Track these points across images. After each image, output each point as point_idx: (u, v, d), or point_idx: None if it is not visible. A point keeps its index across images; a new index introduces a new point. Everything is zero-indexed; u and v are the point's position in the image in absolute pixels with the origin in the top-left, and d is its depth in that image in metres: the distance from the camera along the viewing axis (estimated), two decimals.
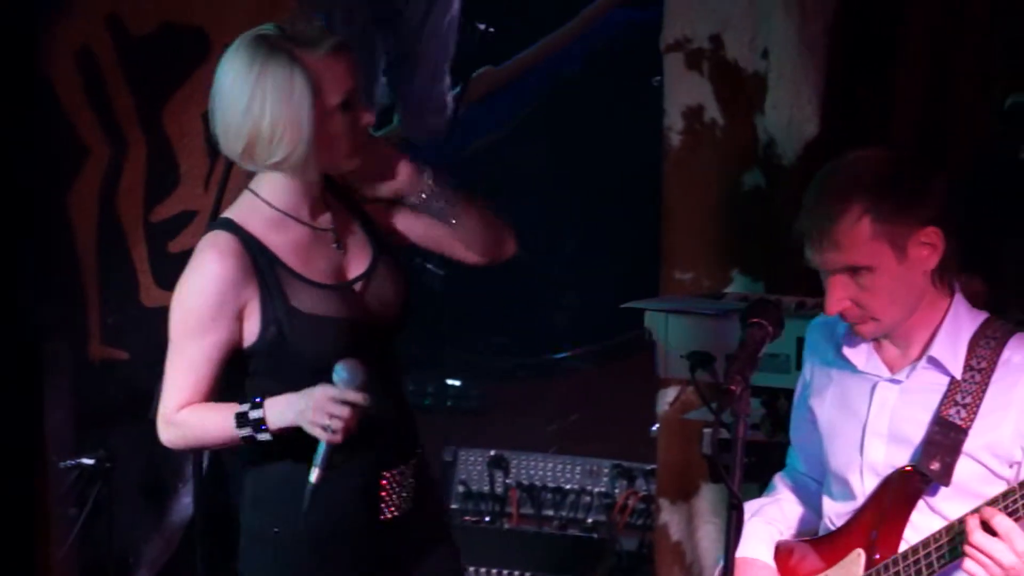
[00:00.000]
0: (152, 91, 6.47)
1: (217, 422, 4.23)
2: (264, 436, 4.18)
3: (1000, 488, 3.71)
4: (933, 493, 3.82)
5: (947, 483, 3.79)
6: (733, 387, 3.73)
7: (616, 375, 8.24)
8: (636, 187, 6.22)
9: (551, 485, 6.14)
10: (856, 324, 3.81)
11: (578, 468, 6.25)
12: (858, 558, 3.86)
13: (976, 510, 3.59)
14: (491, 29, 9.30)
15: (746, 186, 5.66)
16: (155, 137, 6.49)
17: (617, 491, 6.24)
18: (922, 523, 3.82)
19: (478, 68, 8.83)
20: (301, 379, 4.18)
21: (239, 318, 4.21)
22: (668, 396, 5.52)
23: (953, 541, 3.66)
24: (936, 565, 3.71)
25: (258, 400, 4.17)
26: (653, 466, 5.89)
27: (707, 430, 5.12)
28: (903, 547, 3.81)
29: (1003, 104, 4.56)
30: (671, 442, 5.60)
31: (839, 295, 3.75)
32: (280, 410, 4.17)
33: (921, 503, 3.84)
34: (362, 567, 4.43)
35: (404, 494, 4.38)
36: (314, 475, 4.07)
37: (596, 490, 6.22)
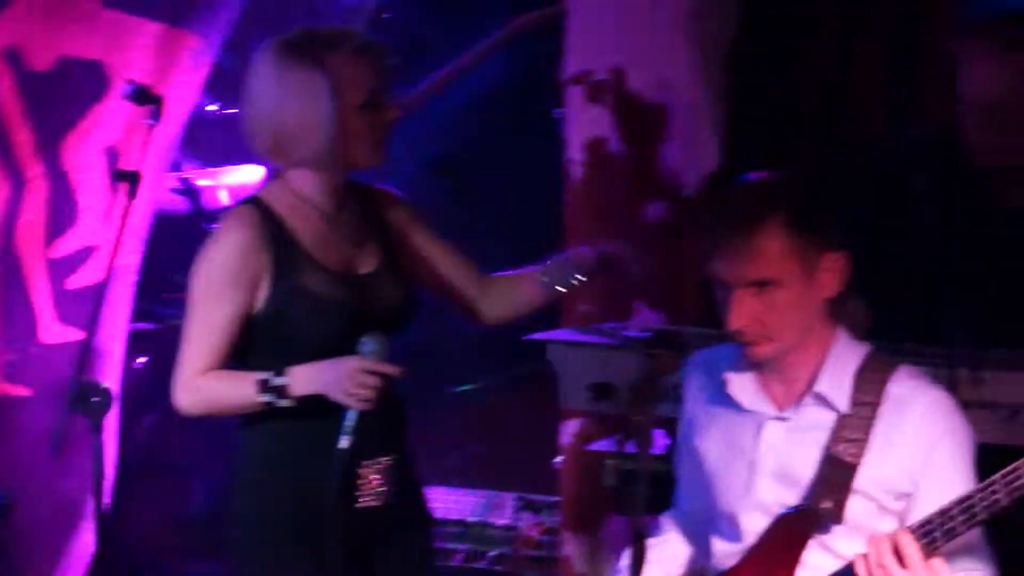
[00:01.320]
0: (51, 125, 6.46)
1: (237, 387, 4.41)
2: (284, 402, 4.35)
3: (889, 523, 3.76)
4: (825, 531, 3.83)
5: (839, 521, 3.80)
6: (638, 418, 3.74)
7: (518, 407, 8.25)
8: (539, 218, 6.23)
9: (454, 518, 6.14)
10: (752, 344, 3.81)
11: (481, 501, 6.25)
12: None
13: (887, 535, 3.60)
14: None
15: (648, 217, 5.67)
16: (54, 172, 6.47)
17: (521, 524, 6.24)
18: (815, 562, 3.84)
19: None
20: (296, 358, 4.36)
21: (255, 287, 4.38)
22: (571, 427, 5.53)
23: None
24: None
25: (281, 369, 4.33)
26: (557, 498, 5.91)
27: (610, 461, 5.12)
28: None
29: (897, 137, 4.61)
30: (574, 474, 5.63)
31: (745, 309, 3.77)
32: (308, 378, 4.36)
33: (813, 542, 3.85)
34: (339, 550, 4.46)
35: (382, 483, 4.51)
36: (345, 441, 4.25)
37: (499, 523, 6.22)
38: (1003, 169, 4.91)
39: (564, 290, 4.75)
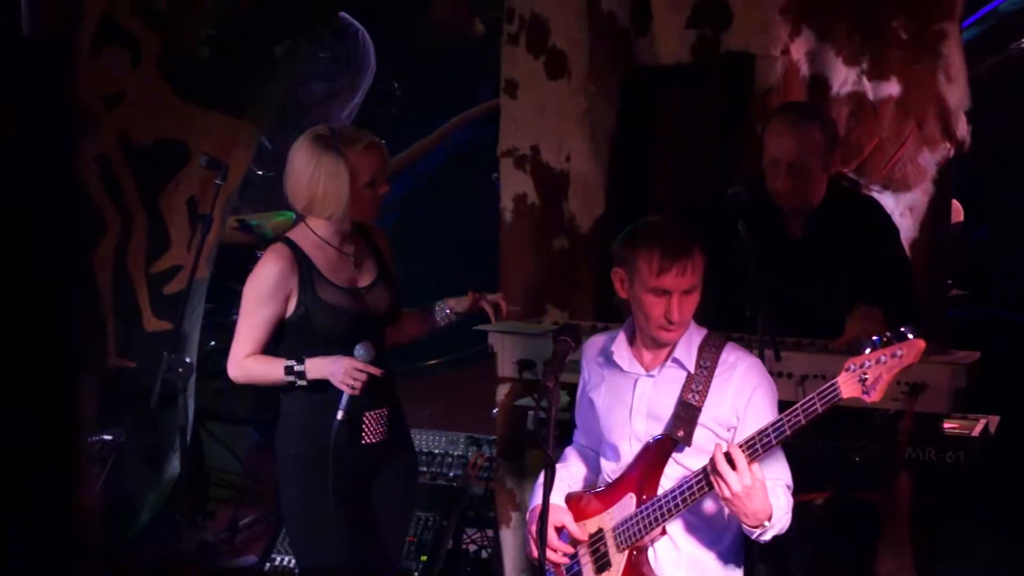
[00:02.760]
0: (150, 184, 6.43)
1: (271, 369, 4.52)
2: (302, 382, 4.48)
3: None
4: (680, 451, 3.88)
5: (689, 444, 3.85)
6: (548, 383, 3.79)
7: (469, 376, 8.21)
8: (482, 248, 6.22)
9: (425, 450, 6.11)
10: (672, 331, 3.84)
11: (443, 439, 6.22)
12: (630, 499, 3.90)
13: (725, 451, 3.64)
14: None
15: (555, 248, 5.66)
16: (153, 215, 6.44)
17: (470, 454, 6.22)
18: (672, 472, 3.88)
19: None
20: (317, 347, 4.50)
21: (287, 300, 4.48)
22: (504, 389, 5.51)
23: (706, 476, 3.70)
24: (693, 496, 3.77)
25: (301, 357, 4.47)
26: (494, 437, 5.88)
27: (531, 412, 5.12)
28: (661, 490, 3.86)
29: (727, 192, 4.60)
30: (506, 421, 5.58)
31: (683, 308, 3.81)
32: (318, 367, 4.47)
33: (672, 459, 3.88)
34: (347, 474, 4.53)
35: (379, 427, 4.62)
36: (339, 415, 4.40)
37: (455, 454, 6.19)
38: (791, 210, 4.93)
39: (442, 324, 4.95)
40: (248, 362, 4.53)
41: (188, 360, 5.62)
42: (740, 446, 3.62)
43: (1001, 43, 8.68)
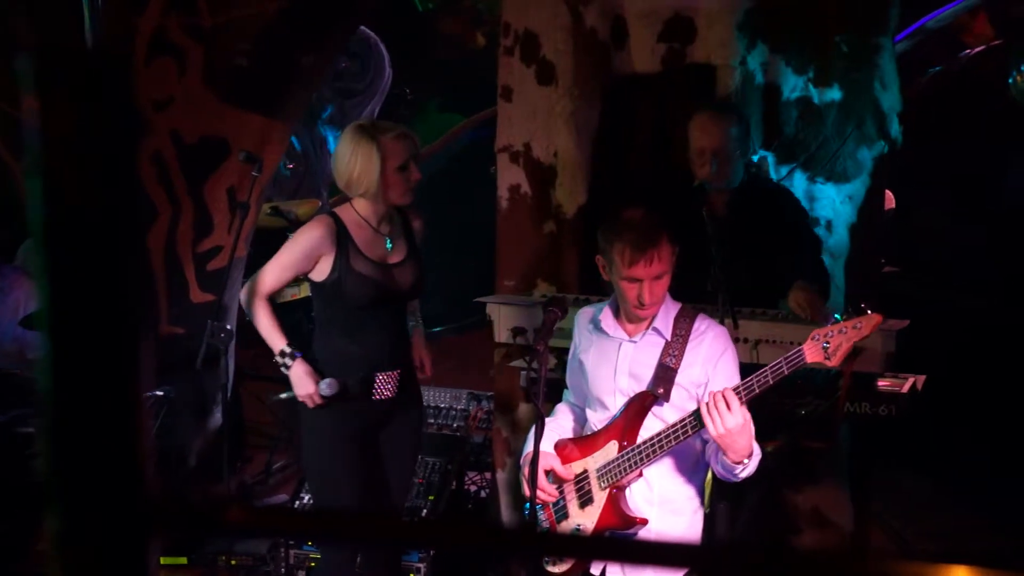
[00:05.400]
0: (196, 176, 6.43)
1: (270, 337, 4.52)
2: (285, 371, 4.50)
3: (693, 403, 3.78)
4: (659, 406, 3.89)
5: (667, 400, 3.87)
6: (538, 347, 3.81)
7: (470, 341, 8.26)
8: (482, 232, 6.22)
9: (432, 405, 6.14)
10: (647, 309, 3.84)
11: (448, 394, 6.24)
12: (613, 445, 3.92)
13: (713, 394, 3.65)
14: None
15: (545, 231, 5.66)
16: (198, 203, 6.44)
17: (471, 408, 6.24)
18: (651, 426, 3.89)
19: None
20: (348, 311, 4.48)
21: (315, 262, 4.44)
22: (500, 353, 5.51)
23: (696, 419, 3.69)
24: (669, 443, 3.77)
25: (296, 354, 4.47)
26: (491, 393, 5.89)
27: (523, 372, 5.14)
28: (640, 439, 3.87)
29: (692, 183, 4.62)
30: (502, 380, 5.59)
31: (655, 292, 3.80)
32: (295, 375, 4.48)
33: (650, 414, 3.90)
34: (362, 424, 4.58)
35: (390, 385, 4.59)
36: (284, 395, 4.54)
37: (458, 408, 6.21)
38: (714, 189, 4.93)
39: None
40: (259, 309, 4.50)
41: (229, 327, 5.64)
42: (733, 389, 3.62)
43: (931, 55, 8.70)
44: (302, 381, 4.45)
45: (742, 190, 4.94)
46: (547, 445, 4.03)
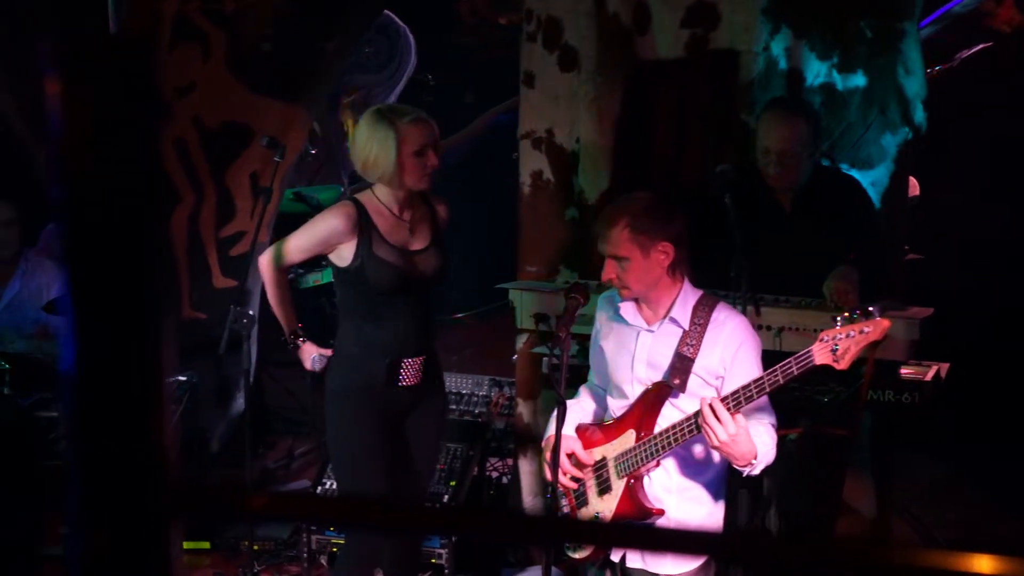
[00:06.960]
0: (219, 161, 6.44)
1: (284, 316, 4.68)
2: (294, 349, 4.70)
3: (712, 392, 3.78)
4: (675, 396, 3.89)
5: (683, 390, 3.86)
6: (560, 333, 3.80)
7: (493, 327, 8.25)
8: (505, 218, 6.23)
9: (454, 391, 6.13)
10: (619, 289, 3.88)
11: (470, 380, 6.23)
12: (631, 435, 3.91)
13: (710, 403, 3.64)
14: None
15: (567, 217, 5.67)
16: (221, 188, 6.46)
17: (493, 394, 6.24)
18: (668, 414, 3.89)
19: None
20: (371, 297, 4.49)
21: (336, 245, 4.46)
22: (522, 339, 5.53)
23: (695, 422, 3.71)
24: (684, 436, 3.76)
25: (302, 337, 4.66)
26: (513, 379, 5.89)
27: (545, 358, 5.13)
28: (658, 428, 3.86)
29: (715, 169, 4.60)
30: (524, 365, 5.61)
31: (608, 271, 3.86)
32: (301, 353, 4.67)
33: (668, 403, 3.89)
34: (386, 411, 4.59)
35: (414, 372, 4.59)
36: (315, 366, 4.66)
37: (480, 393, 6.20)
38: (780, 189, 4.93)
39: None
40: (274, 282, 4.61)
41: (251, 312, 5.64)
42: (724, 400, 3.63)
43: (957, 40, 8.63)
44: (303, 357, 4.70)
45: (809, 186, 4.92)
46: (569, 428, 4.04)
